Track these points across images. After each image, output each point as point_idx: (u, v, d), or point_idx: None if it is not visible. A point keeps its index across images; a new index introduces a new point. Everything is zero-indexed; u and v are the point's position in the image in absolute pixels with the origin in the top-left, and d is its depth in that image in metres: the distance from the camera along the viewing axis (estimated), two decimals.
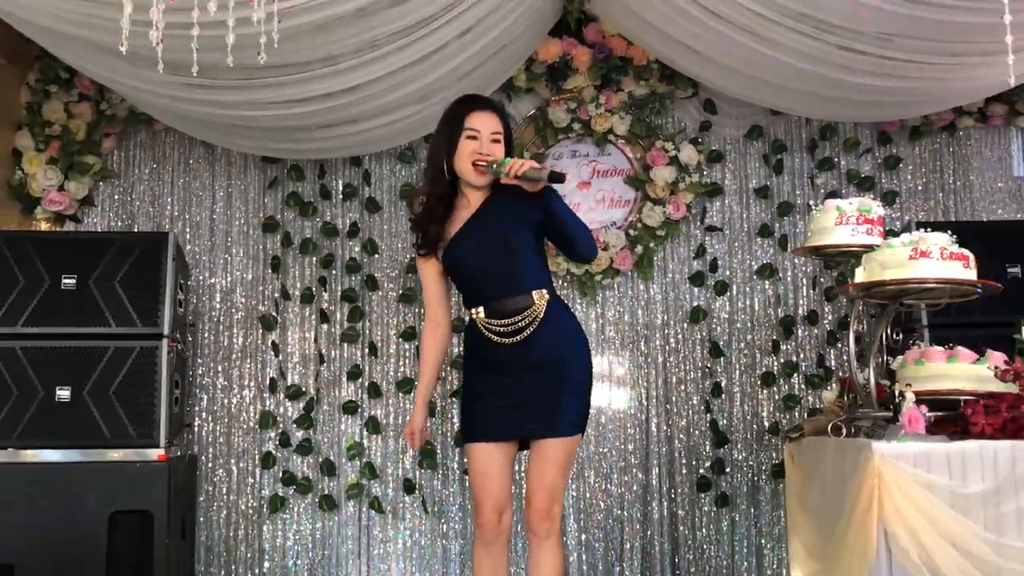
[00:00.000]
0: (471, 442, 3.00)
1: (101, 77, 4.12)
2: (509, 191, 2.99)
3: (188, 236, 4.92)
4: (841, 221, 3.26)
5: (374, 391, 4.84)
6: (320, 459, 4.80)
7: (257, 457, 4.80)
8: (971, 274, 3.05)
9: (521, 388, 2.94)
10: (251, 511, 4.76)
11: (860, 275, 3.18)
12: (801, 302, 4.93)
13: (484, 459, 2.97)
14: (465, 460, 4.75)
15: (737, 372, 4.89)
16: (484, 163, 2.97)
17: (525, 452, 3.06)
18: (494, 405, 2.96)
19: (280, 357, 4.87)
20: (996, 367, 3.07)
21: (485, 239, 3.00)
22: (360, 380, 4.87)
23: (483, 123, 3.03)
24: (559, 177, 2.86)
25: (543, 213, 2.96)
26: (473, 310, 3.02)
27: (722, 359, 4.89)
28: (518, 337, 2.95)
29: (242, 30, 2.50)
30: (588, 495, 4.80)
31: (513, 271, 2.98)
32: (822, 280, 4.92)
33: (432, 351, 3.14)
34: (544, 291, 3.00)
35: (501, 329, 2.97)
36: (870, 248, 3.21)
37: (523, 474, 4.53)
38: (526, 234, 3.00)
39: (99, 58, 3.81)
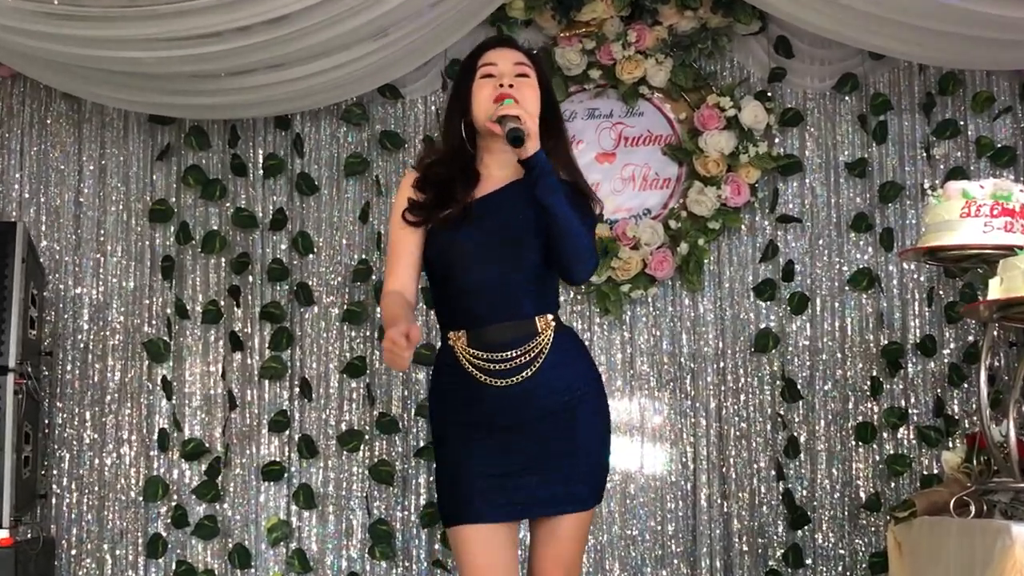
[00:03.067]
0: (460, 524, 3.02)
1: None
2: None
3: (44, 228, 4.91)
4: (969, 212, 3.26)
5: (307, 448, 4.84)
6: (230, 545, 4.79)
7: (141, 542, 4.79)
8: None
9: (522, 449, 2.99)
10: None
11: (996, 288, 3.19)
12: (912, 324, 4.94)
13: (484, 547, 2.99)
14: (438, 546, 4.75)
15: (822, 423, 4.89)
16: (508, 98, 2.99)
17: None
18: (486, 472, 2.99)
19: (174, 400, 4.86)
20: None
21: (488, 234, 3.03)
22: (287, 432, 4.87)
23: (501, 56, 3.11)
24: (512, 136, 2.90)
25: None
26: (452, 334, 3.05)
27: (800, 404, 4.89)
28: (514, 379, 2.98)
29: None
30: None
31: (517, 286, 3.03)
32: (941, 294, 4.93)
33: (398, 300, 3.06)
34: (550, 317, 3.06)
35: (491, 366, 2.99)
36: (1010, 251, 3.22)
37: None
38: (542, 237, 3.02)
39: None
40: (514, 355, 2.99)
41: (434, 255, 3.08)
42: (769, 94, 4.96)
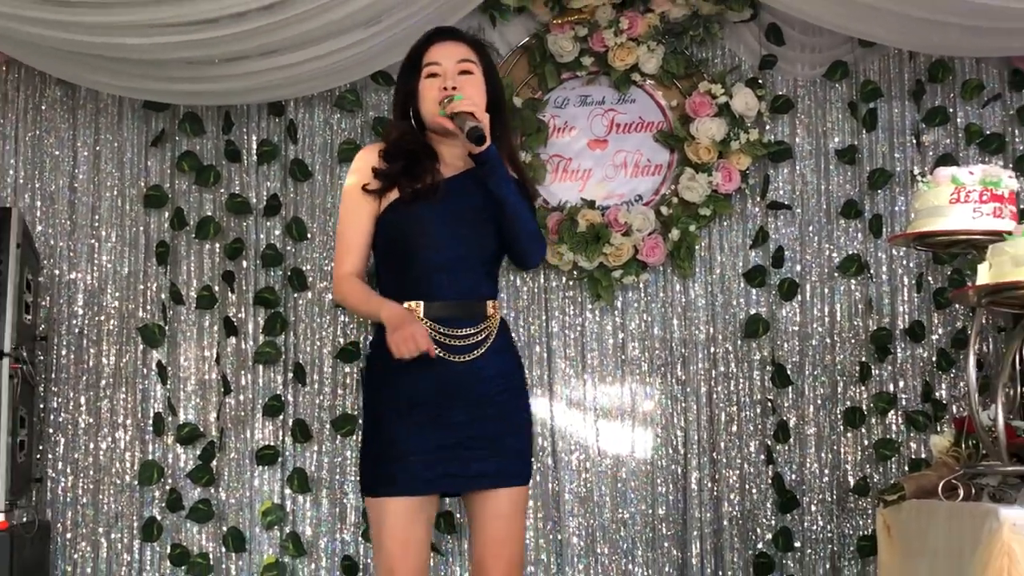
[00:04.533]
0: (388, 496, 3.05)
1: None
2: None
3: (39, 213, 4.90)
4: (958, 198, 3.26)
5: (301, 432, 4.84)
6: (224, 528, 4.79)
7: (136, 525, 4.78)
8: None
9: (460, 424, 3.05)
10: None
11: (985, 274, 3.19)
12: (901, 310, 4.95)
13: (406, 520, 3.04)
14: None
15: (811, 408, 4.90)
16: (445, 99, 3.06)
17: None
18: (425, 446, 3.04)
19: (168, 384, 4.86)
20: None
21: (452, 215, 3.07)
22: (281, 417, 4.86)
23: (444, 53, 3.15)
24: (475, 135, 2.96)
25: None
26: (409, 304, 3.06)
27: (790, 389, 4.90)
28: (464, 356, 3.05)
29: None
30: None
31: (478, 267, 3.11)
32: (930, 280, 4.93)
33: (364, 284, 3.16)
34: (495, 303, 3.15)
35: (445, 340, 3.04)
36: (999, 236, 3.21)
37: None
38: (497, 226, 3.12)
39: None
40: (467, 333, 3.06)
41: (397, 227, 3.10)
42: (760, 81, 4.95)
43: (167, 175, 4.95)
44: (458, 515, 4.77)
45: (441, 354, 3.02)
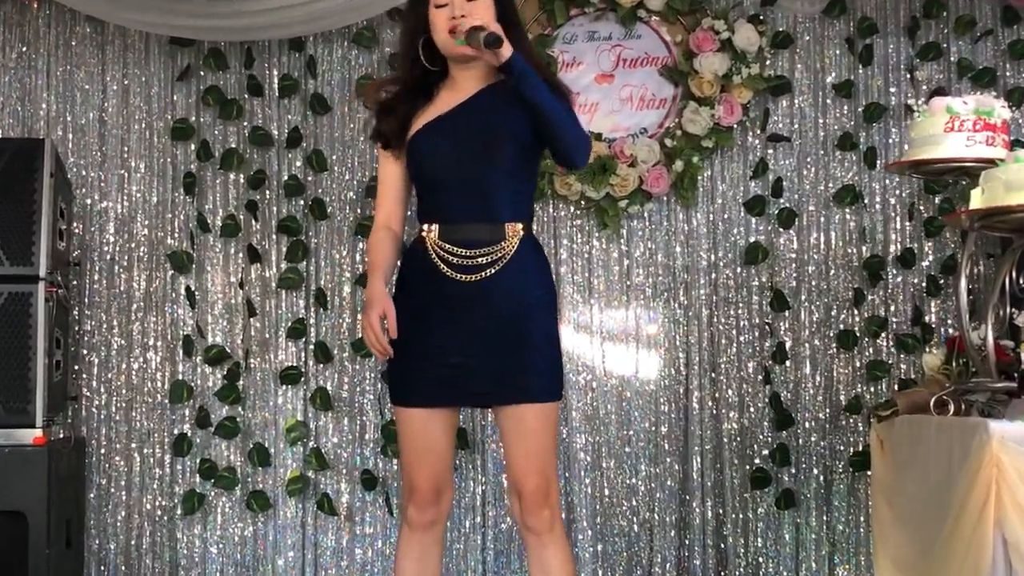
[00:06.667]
0: (404, 406, 3.08)
1: None
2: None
3: (71, 145, 4.87)
4: (953, 127, 3.24)
5: (323, 354, 4.84)
6: (250, 444, 4.81)
7: (167, 441, 4.80)
8: None
9: (478, 342, 3.00)
10: (159, 512, 4.78)
11: (977, 199, 3.17)
12: (893, 237, 4.92)
13: (422, 429, 3.05)
14: None
15: (807, 331, 4.89)
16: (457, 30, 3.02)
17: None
18: (438, 361, 3.02)
19: (196, 308, 4.85)
20: None
21: (464, 137, 3.04)
22: (304, 340, 4.86)
23: None
24: (491, 40, 2.91)
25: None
26: (425, 226, 3.07)
27: (787, 313, 4.88)
28: (475, 276, 3.00)
29: None
30: (608, 493, 4.83)
31: (488, 188, 3.04)
32: (922, 208, 4.90)
33: (383, 245, 3.15)
34: (520, 225, 3.05)
35: (455, 260, 3.00)
36: (991, 163, 3.19)
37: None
38: (516, 143, 3.04)
39: None
40: (479, 254, 3.00)
41: (414, 159, 3.10)
42: (761, 17, 4.88)
43: (193, 109, 4.91)
44: (483, 428, 4.79)
45: (452, 274, 3.00)
